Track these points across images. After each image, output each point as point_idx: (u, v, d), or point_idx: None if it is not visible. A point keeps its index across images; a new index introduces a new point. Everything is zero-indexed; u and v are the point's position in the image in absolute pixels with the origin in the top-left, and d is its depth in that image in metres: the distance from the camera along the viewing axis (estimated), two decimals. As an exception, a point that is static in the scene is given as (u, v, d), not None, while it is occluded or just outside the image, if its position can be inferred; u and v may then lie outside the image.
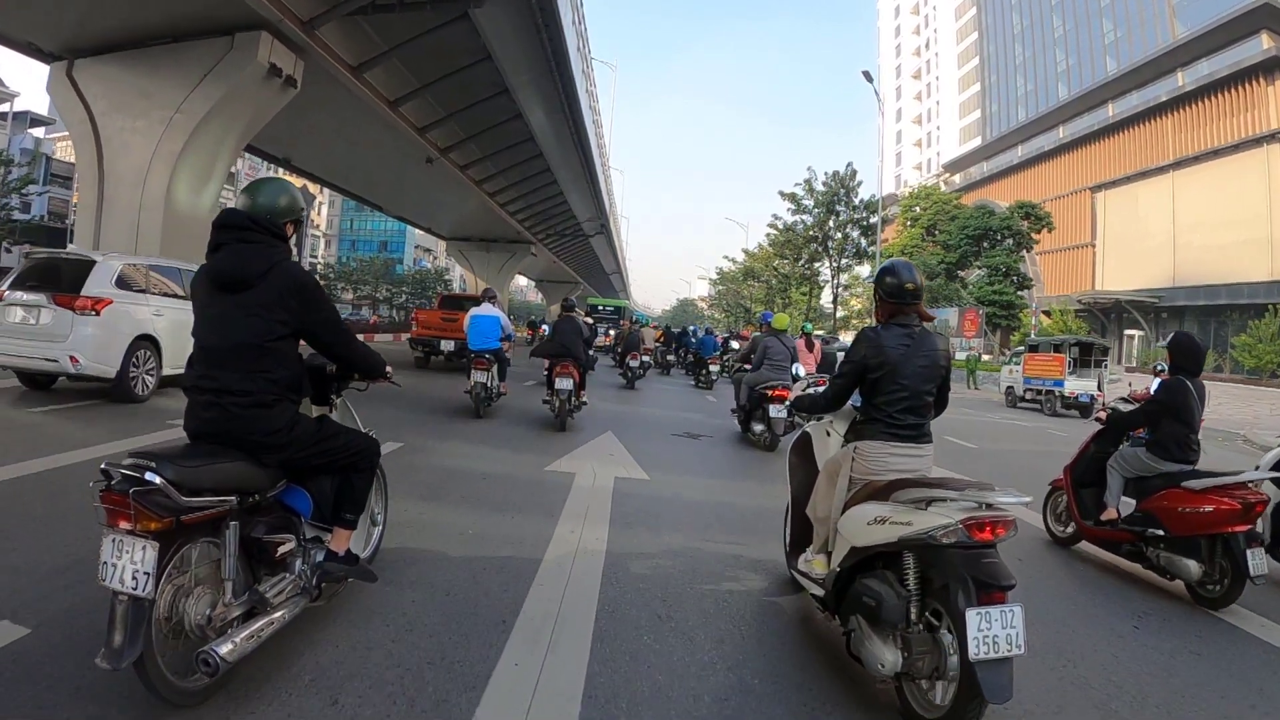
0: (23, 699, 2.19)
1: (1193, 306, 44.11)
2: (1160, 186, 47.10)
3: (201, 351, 2.47)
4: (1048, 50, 60.25)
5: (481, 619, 3.06)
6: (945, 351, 3.09)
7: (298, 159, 25.24)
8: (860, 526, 2.72)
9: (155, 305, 8.29)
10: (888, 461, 2.92)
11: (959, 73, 74.34)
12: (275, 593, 2.44)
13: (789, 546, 3.63)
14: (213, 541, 2.30)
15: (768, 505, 5.29)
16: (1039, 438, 12.89)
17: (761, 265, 48.13)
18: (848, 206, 36.72)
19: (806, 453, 3.60)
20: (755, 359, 8.94)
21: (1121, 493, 4.66)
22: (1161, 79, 48.60)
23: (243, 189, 2.62)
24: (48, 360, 7.40)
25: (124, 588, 1.98)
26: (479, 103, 20.94)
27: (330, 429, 2.74)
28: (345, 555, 2.77)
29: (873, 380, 2.99)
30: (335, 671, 2.52)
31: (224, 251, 2.47)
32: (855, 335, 3.26)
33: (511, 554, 3.94)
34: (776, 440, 8.30)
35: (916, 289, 3.06)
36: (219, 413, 2.38)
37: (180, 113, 14.28)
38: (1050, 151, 57.55)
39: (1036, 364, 18.68)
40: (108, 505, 2.03)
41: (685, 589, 3.67)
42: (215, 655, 2.10)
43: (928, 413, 3.03)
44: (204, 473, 2.20)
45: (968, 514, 2.35)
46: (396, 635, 2.84)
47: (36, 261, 8.24)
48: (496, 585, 3.46)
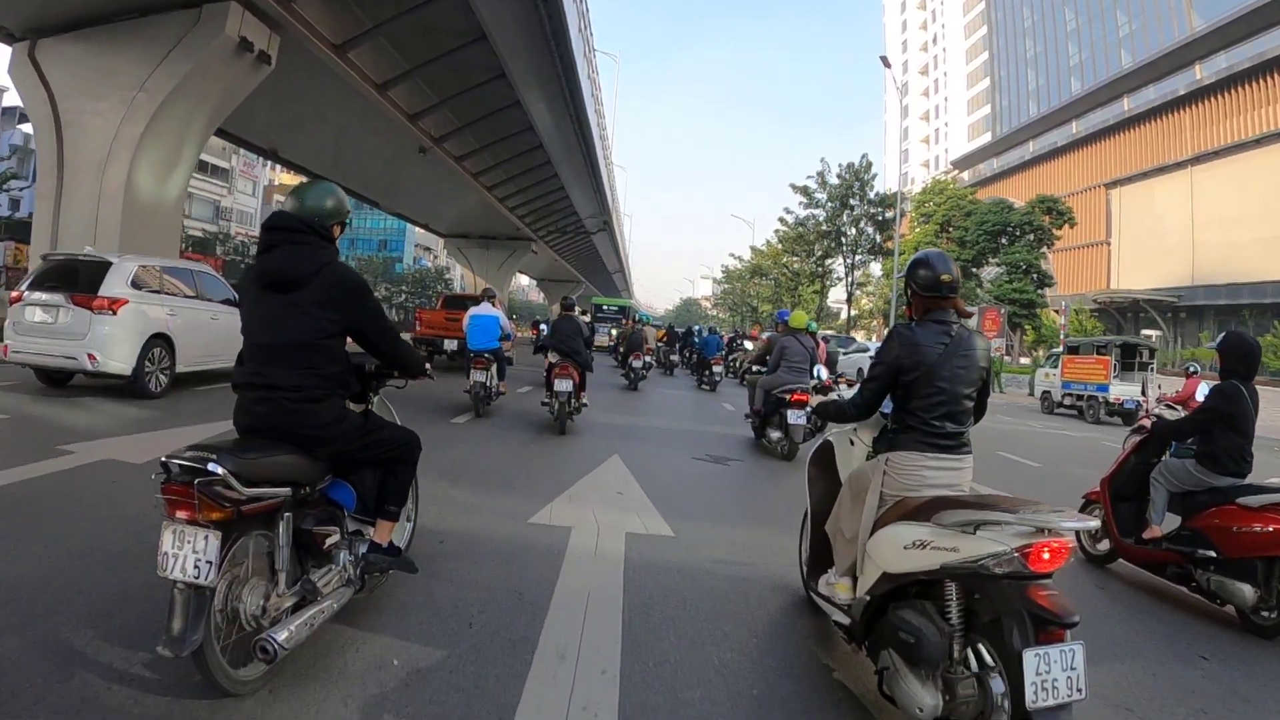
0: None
1: (1212, 306, 43.04)
2: (1178, 182, 46.07)
3: (253, 349, 2.51)
4: (1059, 44, 59.30)
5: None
6: (986, 351, 2.81)
7: (284, 150, 23.98)
8: (895, 550, 2.42)
9: (169, 305, 8.58)
10: (923, 475, 2.62)
11: (967, 68, 73.43)
12: (324, 583, 2.51)
13: (806, 564, 3.38)
14: (264, 534, 2.36)
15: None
16: (1100, 453, 11.48)
17: (770, 262, 46.76)
18: (862, 200, 35.37)
19: (828, 464, 3.33)
20: (771, 360, 8.32)
21: (1166, 508, 4.31)
22: (1179, 72, 47.63)
23: (290, 192, 2.66)
24: (66, 358, 7.71)
25: (185, 576, 2.04)
26: (474, 88, 19.68)
27: (375, 423, 2.81)
28: (388, 547, 2.84)
29: (907, 384, 2.69)
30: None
31: (275, 253, 2.52)
32: (886, 334, 2.98)
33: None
34: (795, 448, 7.74)
35: (953, 281, 2.76)
36: (271, 408, 2.44)
37: (143, 92, 13.05)
38: (1063, 147, 56.65)
39: (1077, 367, 17.35)
40: (170, 497, 2.09)
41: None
42: (274, 642, 2.17)
43: (967, 419, 2.73)
44: (262, 465, 2.26)
45: (1024, 540, 2.06)
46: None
47: (54, 263, 8.43)
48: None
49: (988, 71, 69.24)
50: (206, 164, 53.85)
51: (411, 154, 22.28)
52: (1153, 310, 45.08)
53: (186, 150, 14.04)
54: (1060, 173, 55.47)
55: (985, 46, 69.71)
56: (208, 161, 53.78)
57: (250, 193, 59.46)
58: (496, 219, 35.68)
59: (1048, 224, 32.96)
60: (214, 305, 9.38)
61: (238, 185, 57.39)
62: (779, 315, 10.45)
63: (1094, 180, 52.64)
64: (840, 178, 35.89)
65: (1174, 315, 45.62)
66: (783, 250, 42.86)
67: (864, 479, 2.81)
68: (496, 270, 41.88)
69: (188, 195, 51.19)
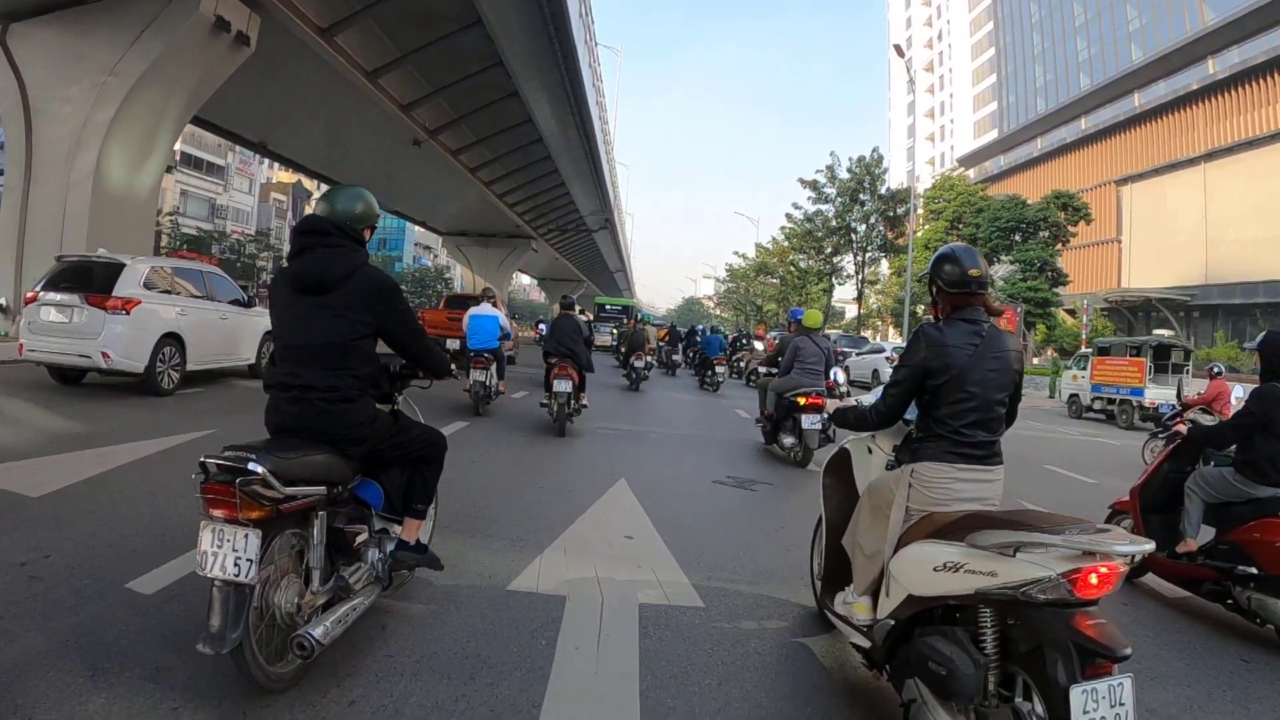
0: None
1: (1227, 305, 42.12)
2: (1190, 179, 45.20)
3: (286, 350, 2.56)
4: (1068, 39, 58.46)
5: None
6: (1018, 352, 2.60)
7: (275, 143, 23.18)
8: (923, 571, 2.21)
9: (179, 305, 8.78)
10: (952, 488, 2.42)
11: (973, 65, 72.67)
12: (354, 580, 2.54)
13: (820, 579, 3.19)
14: (297, 532, 2.38)
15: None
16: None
17: (776, 260, 45.74)
18: (873, 196, 34.38)
19: (844, 473, 3.14)
20: (784, 362, 7.94)
21: (1201, 520, 4.08)
22: (1190, 67, 46.80)
23: (320, 196, 2.79)
24: (81, 356, 7.90)
25: (226, 574, 2.07)
26: (469, 77, 18.86)
27: (404, 423, 2.86)
28: (415, 545, 2.87)
29: (934, 388, 2.48)
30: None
31: (308, 256, 2.55)
32: (912, 334, 2.74)
33: None
34: (810, 454, 7.41)
35: (982, 277, 2.57)
36: (304, 408, 2.47)
37: (114, 75, 12.25)
38: (1072, 144, 55.78)
39: (1108, 369, 16.40)
40: (209, 496, 2.10)
41: None
42: (311, 638, 2.20)
43: (999, 427, 2.53)
44: (298, 464, 2.28)
45: (1071, 564, 1.85)
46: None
47: (68, 264, 8.56)
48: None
49: (994, 68, 68.46)
50: (202, 161, 53.11)
51: (406, 147, 21.44)
52: (1165, 309, 44.16)
53: (161, 138, 13.22)
54: (1069, 169, 54.57)
55: (991, 42, 68.97)
56: (203, 159, 53.04)
57: (246, 190, 58.59)
58: (495, 216, 34.86)
59: (1063, 220, 32.05)
60: (222, 305, 9.67)
61: (234, 183, 56.52)
62: (792, 314, 9.90)
63: (1104, 177, 51.74)
64: (851, 171, 34.88)
65: (1186, 314, 44.73)
66: (790, 247, 41.84)
67: (885, 491, 2.63)
68: (496, 269, 41.07)
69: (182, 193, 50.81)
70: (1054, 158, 57.66)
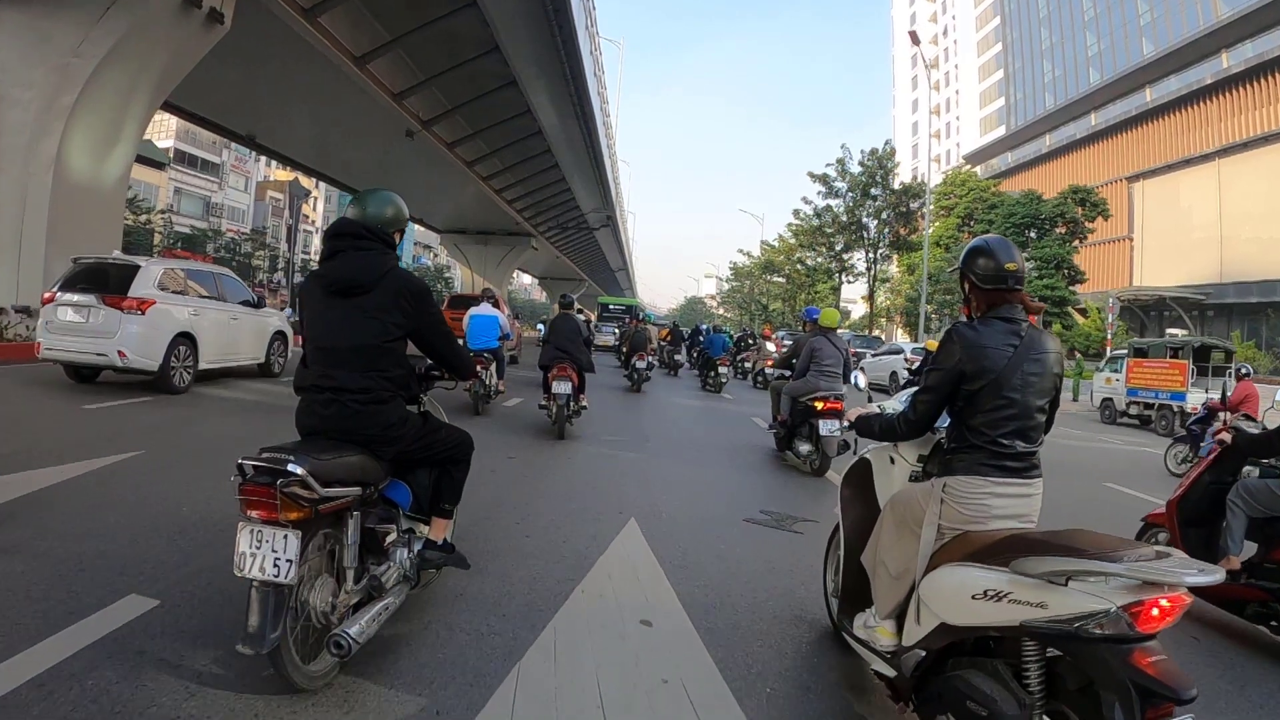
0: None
1: (1243, 304, 41.20)
2: (1204, 175, 44.30)
3: (318, 352, 2.55)
4: (1076, 34, 57.60)
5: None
6: (1059, 354, 2.37)
7: (263, 136, 22.31)
8: (959, 599, 2.01)
9: (192, 306, 9.01)
10: (989, 504, 2.21)
11: (979, 60, 71.83)
12: (385, 579, 2.55)
13: (838, 598, 2.93)
14: (329, 532, 2.39)
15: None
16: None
17: (783, 258, 44.63)
18: (885, 189, 33.31)
19: (864, 485, 2.92)
20: (799, 364, 7.55)
21: (1245, 536, 3.76)
22: (1204, 61, 45.95)
23: (351, 200, 2.74)
24: (98, 355, 8.12)
25: (265, 575, 2.07)
26: (464, 64, 17.95)
27: (433, 424, 2.86)
28: (443, 544, 2.90)
29: (970, 394, 2.27)
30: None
31: (340, 259, 2.56)
32: (944, 334, 2.45)
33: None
34: (827, 463, 7.02)
35: (1019, 272, 2.34)
36: (338, 409, 2.48)
37: (77, 56, 11.36)
38: (1082, 140, 54.95)
39: (1146, 372, 15.41)
40: (249, 498, 2.12)
41: None
42: (348, 636, 2.22)
43: (1038, 436, 2.31)
44: (336, 465, 2.29)
45: (1131, 596, 1.67)
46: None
47: (84, 266, 8.70)
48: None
49: (1000, 64, 67.69)
50: (196, 159, 52.30)
51: (399, 139, 20.54)
52: (1179, 308, 43.23)
53: (129, 125, 12.33)
54: (1079, 166, 53.73)
55: (998, 38, 68.18)
56: (197, 156, 52.23)
57: (242, 188, 57.75)
58: (494, 213, 33.96)
59: (1081, 216, 31.11)
60: (233, 306, 9.91)
61: (229, 181, 55.68)
62: (807, 312, 9.21)
63: (1114, 174, 50.84)
64: (863, 164, 33.77)
65: (1200, 314, 43.81)
66: (797, 244, 40.72)
67: (910, 506, 2.43)
68: (495, 267, 40.19)
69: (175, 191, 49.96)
70: (1062, 154, 56.85)
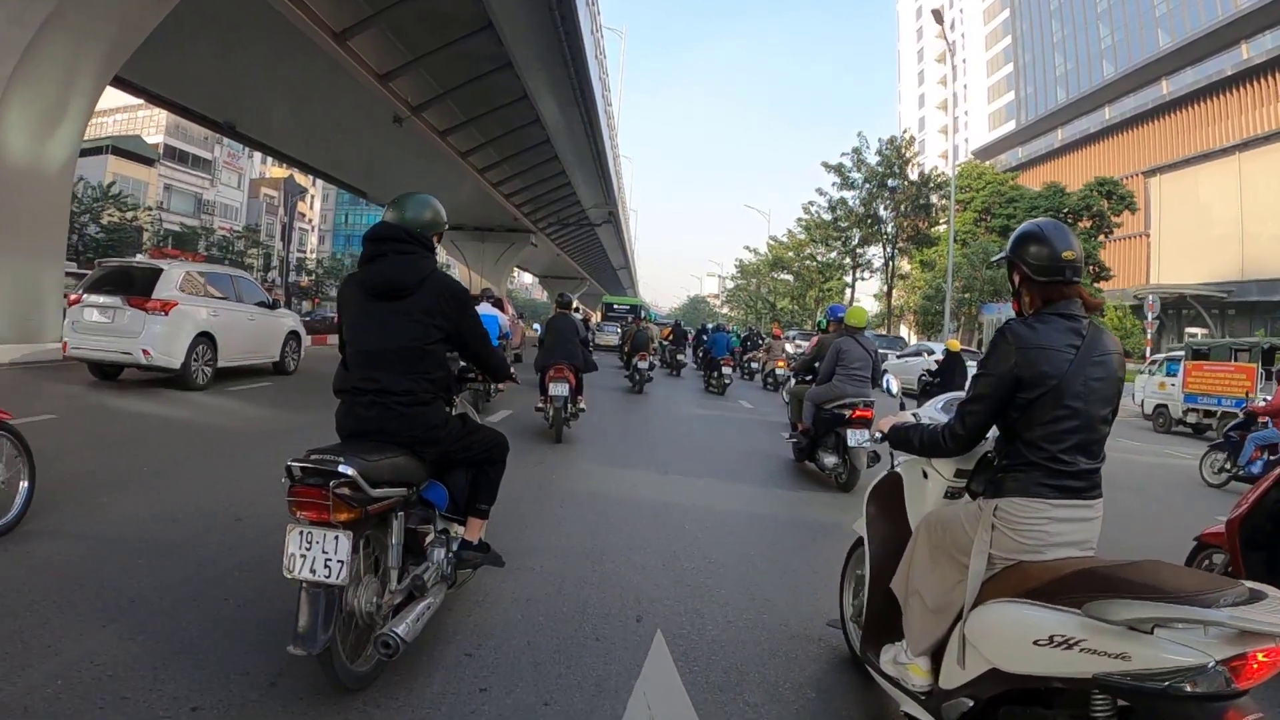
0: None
1: (1267, 302, 39.90)
2: (1224, 169, 43.00)
3: (360, 355, 2.58)
4: (1089, 25, 56.46)
5: None
6: (1121, 356, 2.11)
7: (243, 124, 21.03)
8: (1018, 643, 1.73)
9: (211, 307, 9.46)
10: (1048, 530, 1.95)
11: (988, 54, 70.74)
12: (426, 579, 2.55)
13: (859, 625, 2.69)
14: (374, 533, 2.41)
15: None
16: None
17: (792, 254, 43.04)
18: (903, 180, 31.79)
19: (893, 502, 2.62)
20: (823, 368, 6.97)
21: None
22: (1223, 52, 44.79)
23: (389, 203, 2.75)
24: (123, 353, 8.57)
25: (315, 576, 2.09)
26: (456, 42, 16.64)
27: (471, 425, 2.90)
28: (479, 544, 2.92)
29: (1026, 403, 1.99)
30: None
31: (382, 262, 2.58)
32: (995, 334, 2.14)
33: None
34: (856, 477, 6.47)
35: (1078, 261, 2.07)
36: (382, 411, 2.50)
37: (16, 25, 10.04)
38: (1095, 134, 53.83)
39: (1205, 376, 14.12)
40: (299, 499, 2.14)
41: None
42: (396, 636, 2.24)
43: (1100, 450, 2.05)
44: (383, 466, 2.32)
45: (1233, 648, 1.45)
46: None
47: (109, 269, 9.28)
48: None
49: (1010, 57, 66.64)
50: (187, 154, 51.13)
51: (387, 126, 19.24)
52: (1199, 306, 41.92)
53: (75, 101, 11.03)
54: (1093, 161, 52.55)
55: (1006, 31, 67.21)
56: (188, 152, 51.06)
57: (235, 185, 56.52)
58: (493, 208, 32.71)
59: (1106, 209, 29.77)
60: (250, 307, 10.36)
61: (221, 177, 54.44)
62: (831, 311, 8.54)
63: (1130, 168, 49.50)
64: (881, 154, 32.21)
65: (1221, 312, 42.52)
66: (808, 239, 39.14)
67: (951, 530, 2.13)
68: (493, 264, 38.94)
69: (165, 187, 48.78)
70: (1075, 149, 55.76)
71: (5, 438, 3.64)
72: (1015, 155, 62.76)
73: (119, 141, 45.46)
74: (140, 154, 46.51)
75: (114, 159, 43.80)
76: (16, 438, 3.67)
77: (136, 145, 46.69)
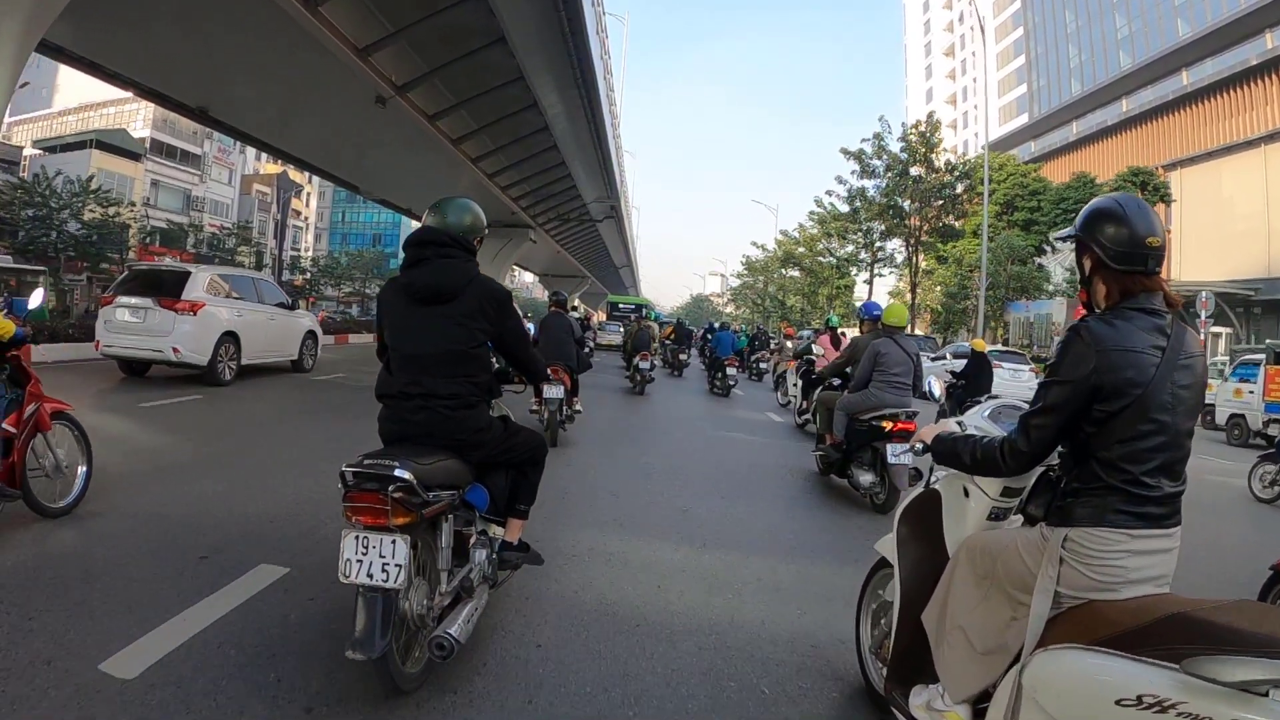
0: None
1: (1298, 299, 38.36)
2: (1250, 162, 41.58)
3: (405, 359, 2.61)
4: (1105, 16, 55.06)
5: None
6: (1205, 360, 1.84)
7: (216, 109, 19.48)
8: (1095, 702, 1.45)
9: (236, 308, 10.31)
10: (1125, 564, 1.66)
11: (998, 47, 69.23)
12: (472, 580, 2.61)
13: (882, 659, 2.39)
14: (424, 536, 2.43)
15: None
16: None
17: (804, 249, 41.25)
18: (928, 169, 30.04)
19: (928, 522, 2.30)
20: (858, 373, 6.27)
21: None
22: (1246, 41, 43.40)
23: (430, 208, 2.76)
24: (154, 351, 9.33)
25: (373, 581, 2.11)
26: (441, 12, 15.11)
27: (513, 427, 2.92)
28: (518, 544, 2.98)
29: (1105, 416, 1.69)
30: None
31: (425, 267, 2.61)
32: (1068, 333, 1.79)
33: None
34: (895, 496, 5.58)
35: (1161, 248, 1.77)
36: (429, 415, 2.54)
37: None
38: (1112, 127, 52.43)
39: (1294, 382, 12.58)
40: (356, 504, 2.16)
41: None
42: (450, 637, 2.28)
43: (1183, 471, 1.74)
44: (436, 469, 2.37)
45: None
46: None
47: (138, 272, 10.24)
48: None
49: (1021, 49, 65.31)
50: (175, 149, 49.65)
51: (369, 107, 17.64)
52: (1224, 304, 40.40)
53: (-4, 68, 9.47)
54: (1109, 154, 51.17)
55: (1017, 23, 65.92)
56: (177, 147, 49.60)
57: (226, 181, 55.00)
58: (487, 200, 31.14)
59: (1141, 200, 28.18)
60: (270, 308, 11.06)
61: (212, 173, 52.95)
62: (865, 308, 7.69)
63: (1148, 162, 47.99)
64: (904, 140, 30.37)
65: (1246, 310, 40.99)
66: (822, 233, 37.35)
67: (1005, 561, 1.84)
68: (490, 261, 37.32)
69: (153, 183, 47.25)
70: (1091, 143, 54.36)
71: (67, 427, 3.99)
72: (1028, 149, 61.30)
73: (104, 136, 44.00)
74: (126, 148, 45.02)
75: (98, 154, 42.34)
76: (76, 426, 4.04)
77: (122, 139, 45.21)
